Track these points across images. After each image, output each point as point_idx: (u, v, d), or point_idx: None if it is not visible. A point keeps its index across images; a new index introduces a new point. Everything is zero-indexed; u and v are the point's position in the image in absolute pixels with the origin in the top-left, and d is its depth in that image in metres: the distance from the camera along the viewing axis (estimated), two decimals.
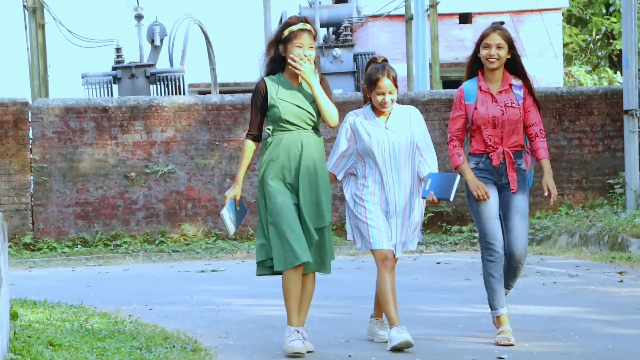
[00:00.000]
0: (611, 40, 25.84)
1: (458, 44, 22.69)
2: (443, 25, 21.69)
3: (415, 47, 19.25)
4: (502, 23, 7.02)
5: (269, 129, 6.27)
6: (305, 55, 6.22)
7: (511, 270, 6.46)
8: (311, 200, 6.22)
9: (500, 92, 6.52)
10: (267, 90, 6.28)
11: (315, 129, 6.31)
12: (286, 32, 6.22)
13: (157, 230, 15.30)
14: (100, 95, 17.82)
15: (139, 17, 19.38)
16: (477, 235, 15.18)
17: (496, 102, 6.48)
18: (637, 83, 14.58)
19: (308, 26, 6.25)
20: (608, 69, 24.54)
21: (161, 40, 18.63)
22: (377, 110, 6.50)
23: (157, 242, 15.13)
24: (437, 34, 18.39)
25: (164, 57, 18.98)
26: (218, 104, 15.61)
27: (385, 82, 6.42)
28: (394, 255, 6.43)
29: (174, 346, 5.93)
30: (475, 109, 6.50)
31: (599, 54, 28.21)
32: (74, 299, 8.30)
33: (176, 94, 17.96)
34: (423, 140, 6.53)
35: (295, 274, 6.06)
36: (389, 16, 20.27)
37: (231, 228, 6.33)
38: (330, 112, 6.25)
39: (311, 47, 6.24)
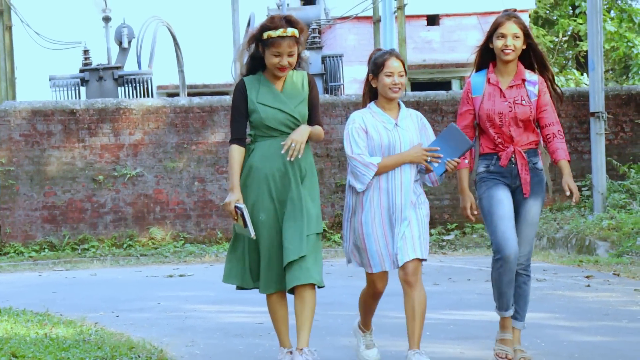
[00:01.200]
0: (577, 42, 25.97)
1: (426, 46, 22.73)
2: (411, 27, 21.73)
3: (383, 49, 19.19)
4: (515, 10, 6.24)
5: (250, 134, 5.82)
6: (282, 67, 5.67)
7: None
8: (299, 212, 5.69)
9: (511, 87, 5.95)
10: (247, 93, 5.78)
11: None
12: (264, 36, 5.71)
13: (125, 234, 15.24)
14: (68, 98, 17.72)
15: (106, 19, 19.28)
16: (446, 237, 15.27)
17: (504, 97, 5.92)
18: (603, 85, 14.65)
19: (289, 32, 5.68)
20: (575, 71, 24.66)
21: (129, 43, 18.54)
22: (385, 106, 5.93)
23: (125, 245, 15.07)
24: (404, 36, 18.41)
25: (132, 59, 18.90)
26: (186, 107, 15.56)
27: (394, 62, 5.84)
28: (396, 266, 5.78)
29: (139, 356, 5.88)
30: (482, 103, 5.97)
31: (566, 54, 28.35)
32: (39, 305, 8.25)
33: (144, 96, 17.88)
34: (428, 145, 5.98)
35: (277, 296, 5.71)
36: (357, 18, 20.29)
37: (250, 232, 5.63)
38: (319, 137, 5.89)
39: (291, 55, 5.68)
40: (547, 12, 26.00)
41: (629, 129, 15.94)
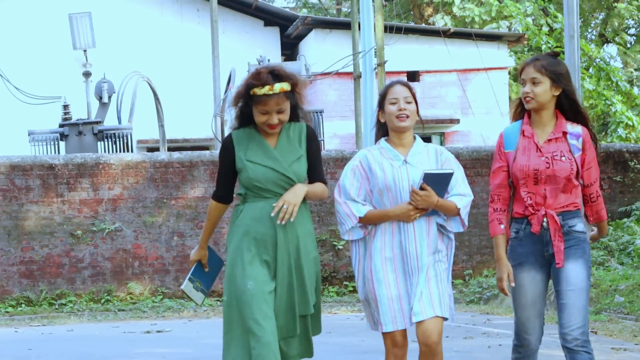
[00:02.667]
0: None
1: None
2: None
3: (364, 105, 19.32)
4: (556, 54, 5.46)
5: (240, 194, 5.27)
6: (270, 125, 5.15)
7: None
8: (293, 285, 5.18)
9: (549, 140, 5.25)
10: (234, 150, 5.24)
11: None
12: (250, 93, 5.19)
13: (103, 289, 15.15)
14: (47, 153, 17.70)
15: (87, 75, 19.33)
16: None
17: (541, 152, 5.22)
18: None
19: (276, 89, 5.14)
20: None
21: (109, 97, 18.58)
22: (395, 141, 5.37)
23: (103, 301, 14.98)
24: None
25: (112, 114, 18.92)
26: (166, 162, 15.55)
27: (397, 88, 5.35)
28: (411, 323, 5.26)
29: None
30: (515, 158, 5.26)
31: None
32: None
33: (124, 151, 17.87)
34: (457, 185, 5.37)
35: None
36: (338, 74, 20.36)
37: (198, 298, 5.48)
38: (320, 196, 5.34)
39: (280, 112, 5.15)
40: None
41: (607, 186, 16.02)
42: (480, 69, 21.79)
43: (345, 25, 21.62)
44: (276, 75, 5.22)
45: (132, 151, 18.16)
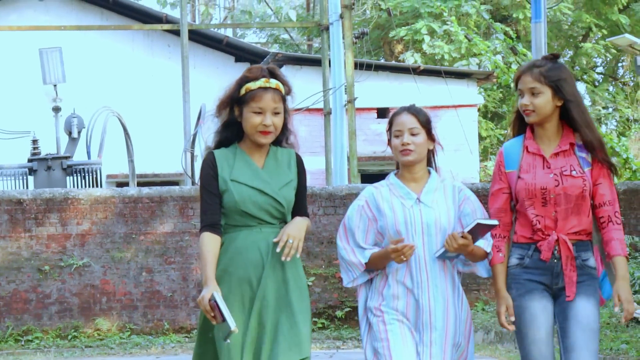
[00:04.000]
0: None
1: (376, 138, 22.90)
2: (361, 120, 21.94)
3: (334, 141, 19.43)
4: (556, 57, 4.80)
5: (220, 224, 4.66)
6: (265, 129, 4.54)
7: None
8: (281, 327, 4.53)
9: (556, 154, 4.63)
10: (217, 169, 4.61)
11: (286, 223, 4.64)
12: (242, 91, 4.63)
13: (71, 325, 15.05)
14: (16, 187, 17.63)
15: (56, 109, 19.31)
16: None
17: (549, 167, 4.60)
18: None
19: (273, 83, 4.64)
20: None
21: (79, 132, 18.55)
22: (405, 176, 4.77)
23: (70, 337, 14.88)
24: (354, 129, 18.59)
25: (82, 149, 18.88)
26: (135, 197, 15.51)
27: (402, 118, 4.75)
28: None
29: None
30: (519, 177, 4.64)
31: None
32: None
33: (93, 186, 17.83)
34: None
35: None
36: (308, 109, 20.40)
37: (231, 321, 4.38)
38: (307, 232, 4.74)
39: (277, 113, 4.58)
40: (496, 105, 26.37)
41: None
42: (449, 106, 21.92)
43: (316, 62, 21.72)
44: (271, 72, 4.75)
45: (101, 186, 18.11)
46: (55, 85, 20.76)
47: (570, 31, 27.43)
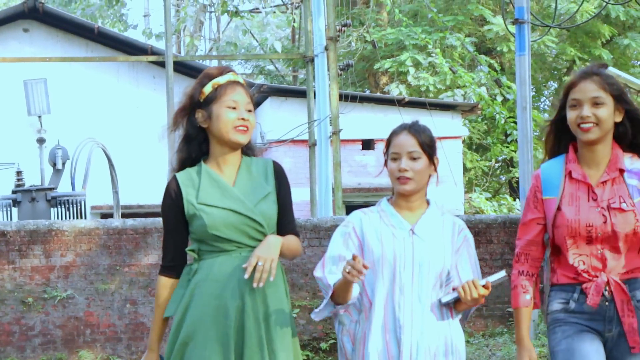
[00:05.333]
0: (510, 168, 26.42)
1: (361, 170, 22.96)
2: (346, 151, 21.99)
3: (319, 173, 19.44)
4: (605, 66, 4.07)
5: (192, 250, 4.17)
6: (244, 124, 4.02)
7: None
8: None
9: (604, 182, 3.91)
10: (182, 194, 4.12)
11: None
12: (208, 89, 4.08)
13: (54, 357, 14.97)
14: None
15: (41, 141, 19.28)
16: None
17: (594, 200, 3.89)
18: None
19: (240, 78, 4.16)
20: (507, 197, 25.01)
21: (63, 164, 18.53)
22: (401, 204, 4.14)
23: None
24: (339, 160, 18.62)
25: (66, 181, 18.85)
26: (120, 228, 15.47)
27: (401, 139, 4.09)
28: None
29: None
30: (559, 209, 3.94)
31: (502, 178, 28.76)
32: None
33: (77, 217, 17.79)
34: (470, 269, 4.20)
35: None
36: (293, 141, 20.45)
37: None
38: (295, 252, 4.17)
39: (248, 110, 4.08)
40: (481, 137, 26.44)
41: None
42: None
43: (301, 94, 21.78)
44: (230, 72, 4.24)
45: (85, 218, 18.06)
46: (39, 117, 20.74)
47: (554, 63, 27.56)
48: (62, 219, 17.67)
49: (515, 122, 15.59)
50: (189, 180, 4.14)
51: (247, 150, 4.23)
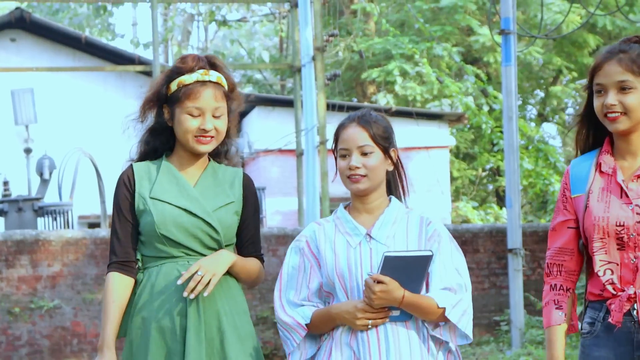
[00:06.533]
0: (497, 177, 26.50)
1: None
2: (333, 161, 21.99)
3: (306, 182, 19.46)
4: (637, 40, 3.35)
5: (137, 258, 3.67)
6: (204, 134, 3.53)
7: None
8: None
9: (638, 176, 3.29)
10: (135, 185, 3.65)
11: None
12: (174, 86, 3.62)
13: None
14: None
15: (27, 151, 19.27)
16: None
17: (626, 196, 3.25)
18: (520, 222, 14.89)
19: (213, 76, 3.61)
20: (494, 205, 25.07)
21: (50, 174, 18.51)
22: (358, 207, 3.59)
23: None
24: (327, 170, 18.63)
25: (53, 191, 18.83)
26: (106, 238, 15.47)
27: (349, 132, 3.57)
28: None
29: None
30: (587, 207, 3.30)
31: (489, 187, 28.83)
32: None
33: (64, 227, 17.77)
34: (446, 274, 3.48)
35: None
36: (281, 151, 20.50)
37: None
38: (251, 276, 3.66)
39: (217, 115, 3.57)
40: (468, 146, 26.51)
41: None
42: (421, 147, 22.03)
43: (288, 103, 21.81)
44: (211, 62, 3.70)
45: (72, 227, 18.05)
46: (27, 126, 20.73)
47: (541, 73, 27.66)
48: (49, 229, 17.65)
49: (501, 132, 15.65)
50: (146, 173, 3.66)
51: (217, 157, 3.77)
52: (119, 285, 3.60)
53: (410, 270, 3.33)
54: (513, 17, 13.42)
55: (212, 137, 3.58)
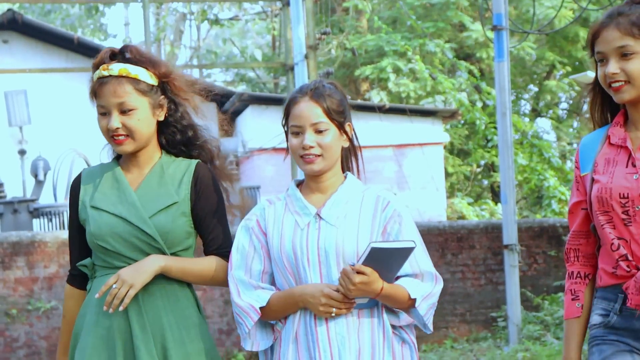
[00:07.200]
0: (492, 172, 26.53)
1: None
2: None
3: None
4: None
5: (85, 265, 3.43)
6: (115, 135, 3.37)
7: None
8: None
9: None
10: (80, 193, 3.46)
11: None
12: (90, 83, 3.49)
13: None
14: None
15: (22, 152, 19.26)
16: None
17: (633, 165, 3.03)
18: (516, 218, 14.92)
19: (114, 69, 3.38)
20: (489, 201, 25.09)
21: (45, 175, 18.50)
22: (311, 185, 3.38)
23: None
24: None
25: (48, 192, 18.82)
26: None
27: (303, 107, 3.32)
28: None
29: None
30: (594, 180, 3.09)
31: (484, 182, 28.85)
32: None
33: (60, 228, 17.76)
34: (413, 258, 3.27)
35: None
36: (275, 149, 20.51)
37: None
38: (203, 278, 3.36)
39: (126, 111, 3.37)
40: (462, 142, 26.54)
41: (542, 260, 16.21)
42: (415, 144, 22.04)
43: (282, 101, 21.79)
44: (122, 53, 3.43)
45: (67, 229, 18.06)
46: (20, 128, 20.71)
47: (534, 68, 27.70)
48: (44, 230, 17.65)
49: (495, 128, 15.68)
50: (92, 179, 3.48)
51: (185, 147, 3.52)
52: (69, 298, 3.49)
53: (392, 261, 3.16)
54: (505, 12, 13.44)
55: (125, 135, 3.40)
